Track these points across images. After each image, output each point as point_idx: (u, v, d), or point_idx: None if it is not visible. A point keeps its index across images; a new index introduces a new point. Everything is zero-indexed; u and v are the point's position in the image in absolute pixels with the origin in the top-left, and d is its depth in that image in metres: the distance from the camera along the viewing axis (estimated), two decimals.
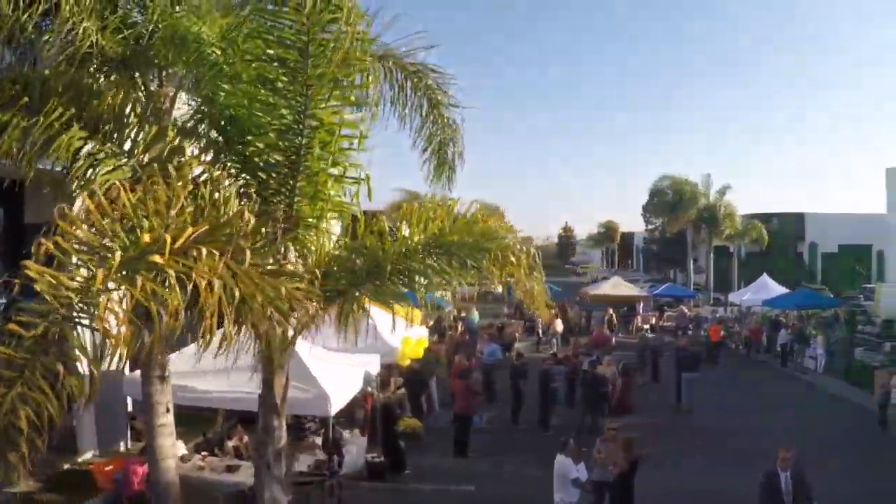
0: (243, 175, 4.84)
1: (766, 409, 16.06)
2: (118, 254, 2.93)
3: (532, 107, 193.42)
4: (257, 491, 5.54)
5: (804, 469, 7.44)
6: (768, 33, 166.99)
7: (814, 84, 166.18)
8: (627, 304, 28.45)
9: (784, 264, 36.16)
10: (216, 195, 4.05)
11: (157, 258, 2.95)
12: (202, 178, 4.48)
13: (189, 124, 5.47)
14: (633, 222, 51.30)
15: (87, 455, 10.66)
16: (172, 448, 7.64)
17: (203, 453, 9.81)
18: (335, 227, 6.08)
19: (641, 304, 28.94)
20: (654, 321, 28.60)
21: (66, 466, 10.20)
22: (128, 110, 5.33)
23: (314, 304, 4.26)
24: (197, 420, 10.76)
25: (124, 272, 2.92)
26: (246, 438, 10.36)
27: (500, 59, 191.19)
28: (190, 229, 3.16)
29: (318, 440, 10.21)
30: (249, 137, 4.57)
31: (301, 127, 4.53)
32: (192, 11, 5.93)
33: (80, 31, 5.55)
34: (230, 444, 10.08)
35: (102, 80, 6.01)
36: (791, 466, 7.25)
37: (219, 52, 5.30)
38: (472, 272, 6.08)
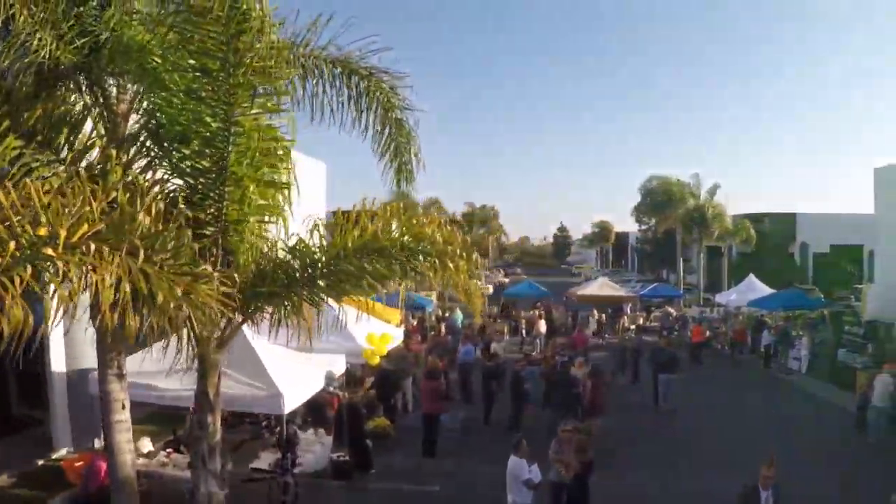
0: (174, 181, 5.05)
1: (743, 411, 16.30)
2: (11, 244, 3.16)
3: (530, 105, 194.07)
4: (194, 484, 5.76)
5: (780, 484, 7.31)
6: (766, 33, 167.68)
7: (811, 82, 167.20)
8: (614, 305, 28.66)
9: (775, 264, 36.36)
10: (137, 199, 4.24)
11: (49, 251, 3.19)
12: (123, 182, 4.67)
13: (132, 132, 5.68)
14: (628, 222, 51.69)
15: (62, 452, 10.98)
16: (129, 444, 7.85)
17: (168, 450, 10.08)
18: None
19: (629, 305, 29.16)
20: (641, 321, 28.83)
21: (39, 463, 10.50)
22: (70, 118, 5.56)
23: (231, 304, 4.46)
24: (172, 419, 11.07)
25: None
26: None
27: (502, 59, 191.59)
28: (85, 226, 3.39)
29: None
30: (176, 144, 4.77)
31: (227, 134, 4.73)
32: (141, 21, 6.12)
33: (35, 41, 5.74)
34: None
35: (58, 90, 6.19)
36: (773, 484, 7.12)
37: (159, 61, 5.50)
38: (411, 275, 6.32)
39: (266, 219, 5.24)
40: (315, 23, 6.65)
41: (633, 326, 28.78)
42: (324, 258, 5.63)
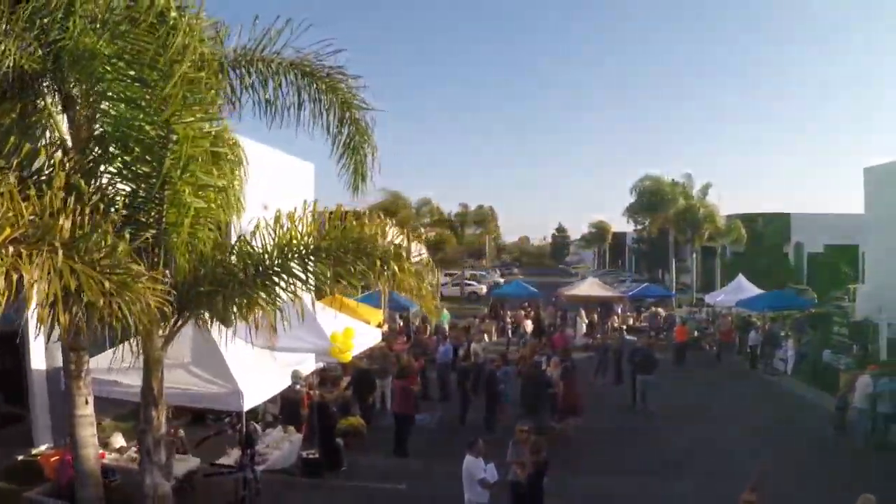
0: (115, 186, 5.31)
1: (723, 412, 16.40)
2: None
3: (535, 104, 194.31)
4: (140, 475, 6.02)
5: None
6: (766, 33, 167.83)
7: (811, 83, 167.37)
8: (603, 305, 28.89)
9: (770, 265, 36.53)
10: (70, 202, 4.49)
11: None
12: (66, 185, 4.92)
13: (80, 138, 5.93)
14: (625, 222, 51.78)
15: (42, 447, 11.28)
16: (93, 438, 8.14)
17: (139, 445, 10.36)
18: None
19: (620, 305, 29.37)
20: (632, 322, 29.04)
21: (20, 458, 10.83)
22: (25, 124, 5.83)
23: (164, 301, 4.72)
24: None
25: None
26: (182, 433, 10.92)
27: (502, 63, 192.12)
28: (8, 230, 3.66)
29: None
30: (116, 151, 5.04)
31: (164, 141, 4.99)
32: (93, 29, 6.38)
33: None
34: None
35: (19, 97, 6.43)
36: None
37: (107, 69, 5.75)
38: (356, 276, 6.57)
39: (202, 221, 5.47)
40: (272, 27, 6.97)
41: (623, 327, 29.05)
42: (266, 259, 5.89)
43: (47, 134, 6.18)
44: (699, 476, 11.52)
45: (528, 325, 24.26)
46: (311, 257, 5.94)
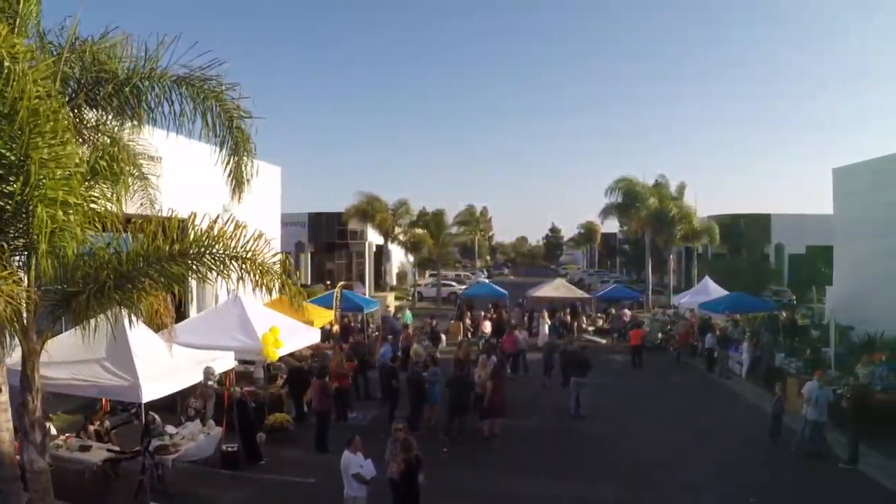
0: None
1: (661, 416, 16.70)
2: None
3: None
4: (19, 454, 6.94)
5: None
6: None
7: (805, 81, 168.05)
8: (571, 306, 29.72)
9: (750, 266, 37.25)
10: None
11: None
12: None
13: None
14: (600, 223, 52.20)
15: None
16: (8, 423, 9.06)
17: (67, 435, 11.32)
18: None
19: (587, 306, 30.16)
20: (601, 323, 29.82)
21: None
22: None
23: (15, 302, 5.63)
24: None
25: None
26: (108, 423, 11.89)
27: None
28: None
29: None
30: None
31: (23, 164, 5.88)
32: None
33: None
34: (91, 427, 11.65)
35: None
36: None
37: None
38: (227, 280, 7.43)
39: (63, 233, 6.31)
40: (161, 43, 7.86)
41: (591, 328, 29.88)
42: (124, 264, 6.76)
43: None
44: (607, 478, 12.03)
45: (487, 327, 25.07)
46: (170, 262, 6.80)
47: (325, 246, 50.00)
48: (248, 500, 11.01)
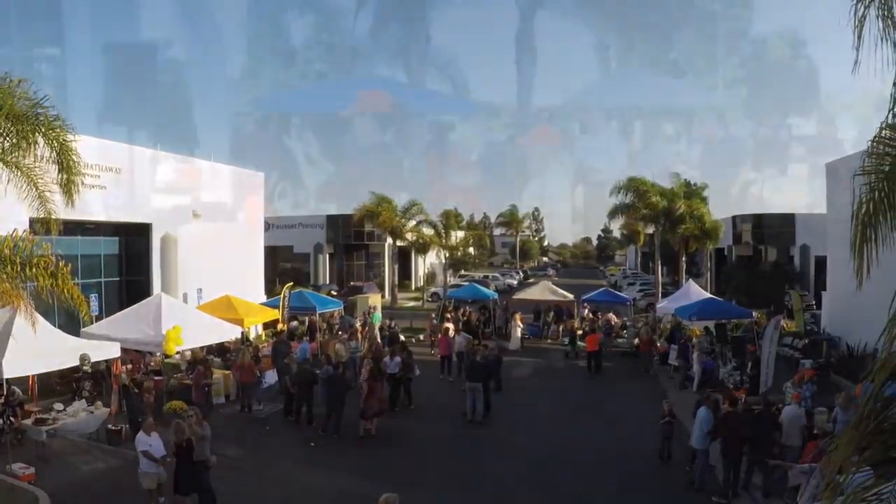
0: None
1: (570, 427, 16.86)
2: None
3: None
4: None
5: None
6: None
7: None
8: (556, 309, 30.63)
9: (773, 267, 36.61)
10: None
11: None
12: None
13: None
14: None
15: None
16: None
17: None
18: None
19: (575, 309, 30.94)
20: (576, 325, 30.52)
21: None
22: None
23: None
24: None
25: None
26: None
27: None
28: None
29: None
30: None
31: None
32: None
33: None
34: None
35: None
36: None
37: None
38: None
39: None
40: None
41: (580, 332, 30.63)
42: None
43: None
44: (450, 489, 12.47)
45: (451, 329, 26.53)
46: None
47: (343, 247, 52.71)
48: (108, 470, 13.15)
